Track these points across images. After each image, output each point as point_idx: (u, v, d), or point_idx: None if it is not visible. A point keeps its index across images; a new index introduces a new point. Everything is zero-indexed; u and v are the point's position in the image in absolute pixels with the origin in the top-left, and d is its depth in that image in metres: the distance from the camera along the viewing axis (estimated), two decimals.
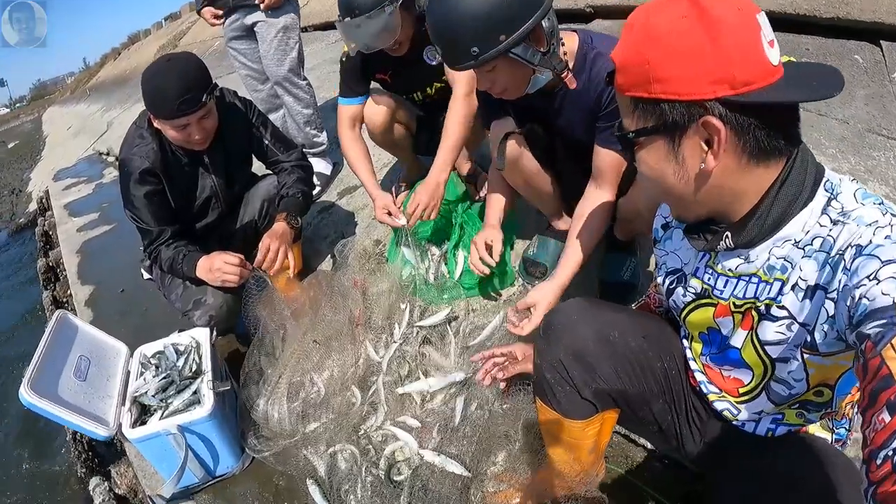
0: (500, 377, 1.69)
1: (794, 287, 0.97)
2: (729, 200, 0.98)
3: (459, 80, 2.26)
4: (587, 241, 1.74)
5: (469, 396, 1.82)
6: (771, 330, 1.02)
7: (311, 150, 3.50)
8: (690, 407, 1.33)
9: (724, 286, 1.10)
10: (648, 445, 1.75)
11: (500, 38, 1.47)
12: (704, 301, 1.16)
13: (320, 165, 3.55)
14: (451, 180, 2.38)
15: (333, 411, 1.92)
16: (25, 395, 1.73)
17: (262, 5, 3.12)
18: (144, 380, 2.00)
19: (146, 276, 2.57)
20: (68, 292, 4.14)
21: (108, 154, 8.22)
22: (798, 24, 3.01)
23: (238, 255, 2.15)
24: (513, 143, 1.91)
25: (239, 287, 2.16)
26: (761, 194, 0.96)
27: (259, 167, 2.64)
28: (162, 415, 1.89)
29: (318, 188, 3.44)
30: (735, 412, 1.21)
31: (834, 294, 0.88)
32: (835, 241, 0.90)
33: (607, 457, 1.68)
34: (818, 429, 1.18)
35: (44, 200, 7.33)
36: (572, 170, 1.96)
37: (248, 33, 3.30)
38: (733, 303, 1.08)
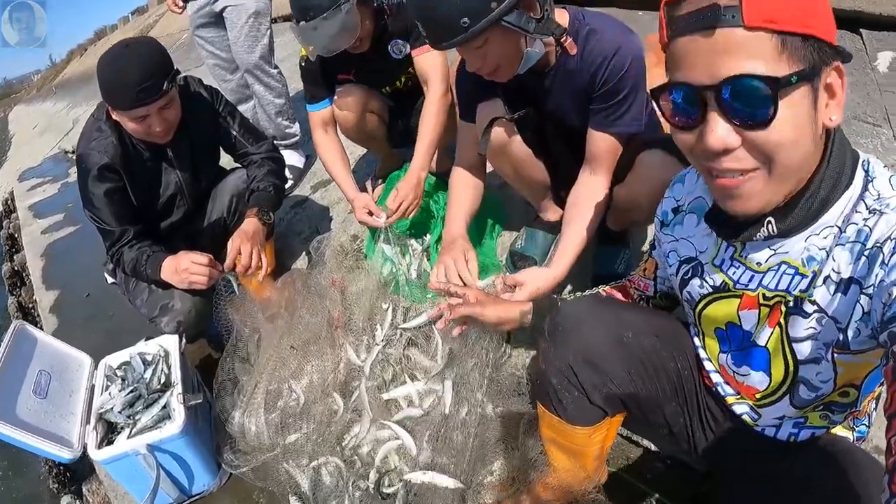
0: (447, 317, 1.48)
1: (825, 280, 0.89)
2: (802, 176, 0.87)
3: (434, 77, 2.17)
4: (584, 230, 1.66)
5: (459, 399, 1.71)
6: (802, 326, 0.94)
7: (284, 142, 3.36)
8: (704, 408, 1.25)
9: (751, 279, 1.00)
10: (651, 447, 1.66)
11: (492, 6, 1.38)
12: (726, 294, 1.07)
13: (293, 158, 3.40)
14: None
15: (315, 420, 1.79)
16: None
17: None
18: (110, 394, 1.86)
19: (110, 280, 2.41)
20: (34, 298, 3.96)
21: (74, 152, 7.92)
22: None
23: (206, 255, 2.01)
24: (501, 128, 1.80)
25: (208, 289, 2.03)
26: (813, 170, 0.86)
27: (227, 161, 2.50)
28: (130, 433, 1.75)
29: (290, 182, 3.29)
30: (755, 416, 1.12)
31: (870, 290, 0.82)
32: (871, 231, 0.83)
33: (608, 459, 1.59)
34: (839, 428, 1.11)
35: (9, 202, 7.05)
36: (565, 157, 1.86)
37: (217, 20, 3.12)
38: (762, 294, 0.99)
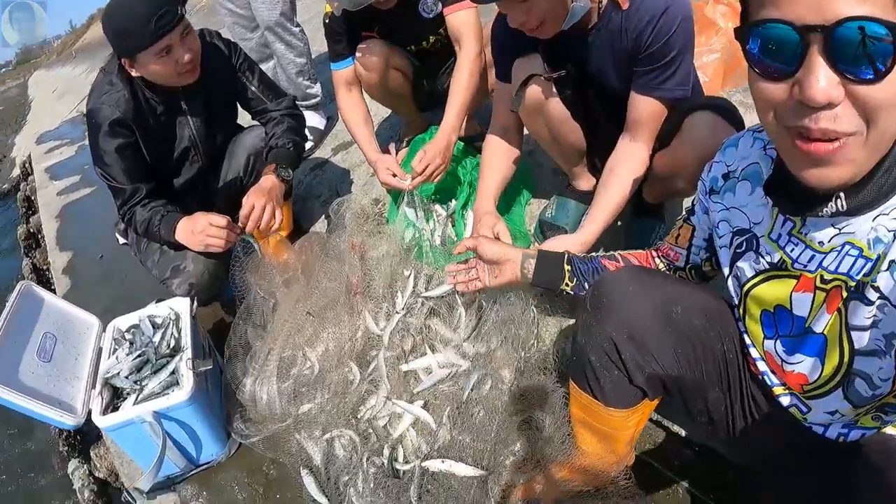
0: (460, 289, 1.62)
1: (891, 265, 0.80)
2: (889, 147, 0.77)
3: (468, 36, 2.05)
4: (619, 197, 1.55)
5: (482, 376, 1.61)
6: (863, 314, 0.85)
7: (304, 103, 3.23)
8: (748, 397, 1.13)
9: (811, 259, 0.90)
10: (682, 432, 1.56)
11: None
12: (783, 273, 0.96)
13: (314, 119, 3.28)
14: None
15: (329, 390, 1.71)
16: None
17: None
18: (117, 358, 1.79)
19: (121, 240, 2.33)
20: (48, 259, 3.92)
21: None
22: None
23: (224, 217, 1.91)
24: (538, 86, 1.67)
25: (224, 252, 1.93)
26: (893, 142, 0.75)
27: (246, 121, 2.38)
28: (136, 399, 1.68)
29: (310, 143, 3.20)
30: (804, 409, 1.01)
31: None
32: None
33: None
34: (890, 427, 0.99)
35: (26, 165, 7.02)
36: (603, 122, 1.73)
37: None
38: (821, 277, 0.89)
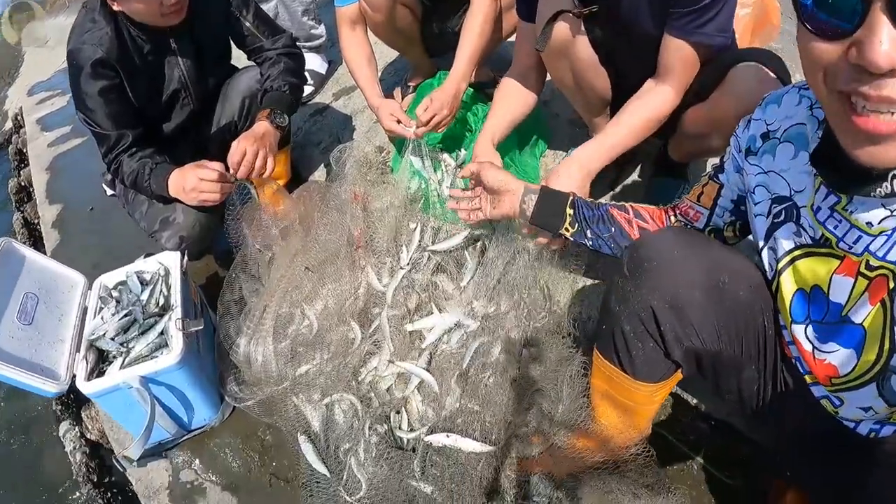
0: (462, 216, 1.57)
1: None
2: None
3: None
4: (632, 131, 1.44)
5: (489, 341, 1.51)
6: None
7: (307, 44, 3.03)
8: (781, 378, 1.04)
9: (858, 240, 0.84)
10: (699, 405, 1.49)
11: None
12: (826, 251, 0.87)
13: (315, 62, 3.08)
14: None
15: (329, 351, 1.61)
16: None
17: None
18: (102, 319, 1.67)
19: (109, 191, 2.19)
20: (38, 213, 3.79)
21: None
22: None
23: (216, 167, 1.77)
24: (566, 24, 1.52)
25: (219, 204, 1.81)
26: None
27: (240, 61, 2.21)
28: (123, 363, 1.57)
29: (310, 88, 3.01)
30: (836, 403, 0.92)
31: None
32: None
33: None
34: None
35: (18, 117, 6.83)
36: (632, 71, 1.57)
37: None
38: (866, 262, 0.83)
